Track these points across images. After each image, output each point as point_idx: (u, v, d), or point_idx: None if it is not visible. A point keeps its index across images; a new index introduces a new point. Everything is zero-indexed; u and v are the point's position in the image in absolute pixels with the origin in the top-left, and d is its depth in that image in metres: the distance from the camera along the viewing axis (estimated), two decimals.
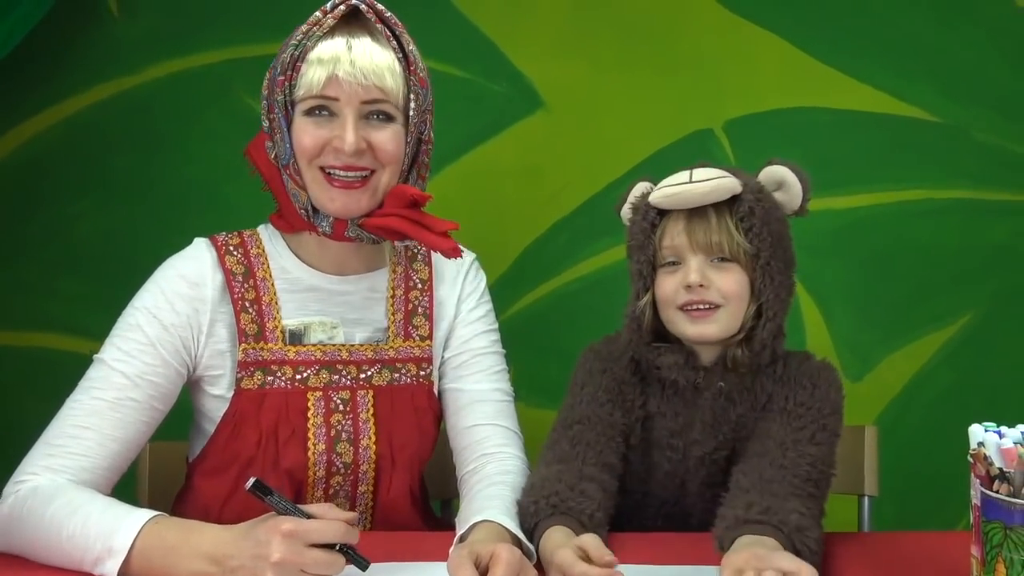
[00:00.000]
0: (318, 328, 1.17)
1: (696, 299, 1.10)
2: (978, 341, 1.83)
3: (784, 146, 1.81)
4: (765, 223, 1.10)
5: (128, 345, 1.10)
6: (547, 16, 1.80)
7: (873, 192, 1.82)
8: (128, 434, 1.08)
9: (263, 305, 1.16)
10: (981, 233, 1.82)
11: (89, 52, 1.77)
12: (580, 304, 1.82)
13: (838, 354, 1.82)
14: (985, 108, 1.81)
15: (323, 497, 1.16)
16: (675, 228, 1.12)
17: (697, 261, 1.11)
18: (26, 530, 0.99)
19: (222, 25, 1.77)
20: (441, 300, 1.24)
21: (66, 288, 1.78)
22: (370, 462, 1.16)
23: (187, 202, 1.77)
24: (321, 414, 1.15)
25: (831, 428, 1.11)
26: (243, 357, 1.14)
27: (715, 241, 1.10)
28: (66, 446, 1.05)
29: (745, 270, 1.11)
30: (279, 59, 1.11)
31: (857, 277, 1.82)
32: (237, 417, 1.13)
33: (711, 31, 1.81)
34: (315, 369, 1.16)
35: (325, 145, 1.09)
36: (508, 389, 1.25)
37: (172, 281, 1.14)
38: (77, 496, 0.99)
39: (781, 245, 1.12)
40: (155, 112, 1.77)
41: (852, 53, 1.81)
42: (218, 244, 1.18)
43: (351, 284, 1.19)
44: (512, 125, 1.80)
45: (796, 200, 1.13)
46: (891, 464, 1.56)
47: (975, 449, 0.85)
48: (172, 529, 0.94)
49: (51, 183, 1.78)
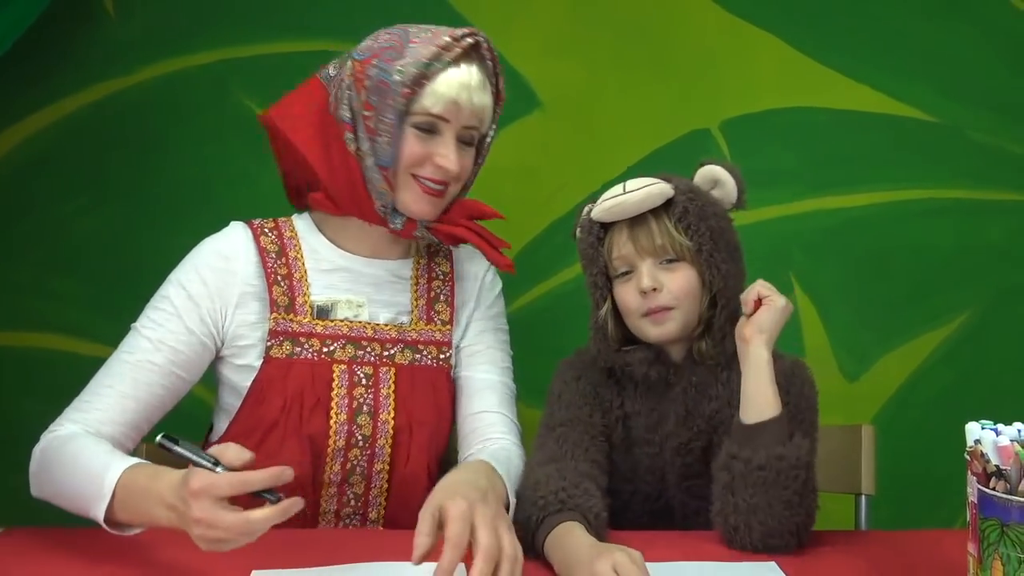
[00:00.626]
0: (344, 306, 1.24)
1: (653, 306, 1.16)
2: (975, 340, 1.83)
3: (781, 146, 1.81)
4: (701, 219, 1.16)
5: (156, 314, 1.20)
6: (544, 16, 1.80)
7: (870, 192, 1.82)
8: (143, 394, 1.16)
9: (294, 281, 1.23)
10: (978, 233, 1.83)
11: (85, 52, 1.77)
12: (576, 304, 1.80)
13: (835, 353, 1.82)
14: (982, 108, 1.82)
15: (340, 473, 1.21)
16: (620, 238, 1.18)
17: (647, 266, 1.17)
18: (49, 474, 1.09)
19: (218, 25, 1.77)
20: (462, 291, 1.32)
21: (61, 288, 1.77)
22: (388, 436, 1.21)
23: (182, 202, 1.77)
24: (345, 386, 1.21)
25: (808, 421, 1.14)
26: (273, 326, 1.21)
27: (659, 244, 1.16)
28: (90, 402, 1.15)
29: (693, 266, 1.17)
30: (396, 65, 1.16)
31: (854, 276, 1.82)
32: (264, 383, 1.19)
33: (708, 31, 1.81)
34: (341, 343, 1.22)
35: (427, 158, 1.19)
36: (513, 385, 1.32)
37: (205, 255, 1.22)
38: (84, 442, 1.09)
39: (723, 237, 1.18)
40: (151, 112, 1.77)
41: (849, 53, 1.81)
42: (254, 226, 1.26)
43: (379, 267, 1.27)
44: (508, 125, 1.80)
45: (732, 195, 1.20)
46: (888, 463, 1.55)
47: (972, 446, 0.85)
48: (141, 476, 0.99)
49: (46, 183, 1.78)
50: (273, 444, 1.18)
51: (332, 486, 1.21)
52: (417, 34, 1.19)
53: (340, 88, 1.20)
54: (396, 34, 1.20)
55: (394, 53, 1.17)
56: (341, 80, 1.20)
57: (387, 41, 1.19)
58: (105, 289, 1.21)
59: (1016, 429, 0.86)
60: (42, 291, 1.78)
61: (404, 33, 1.19)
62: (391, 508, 1.24)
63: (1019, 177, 1.82)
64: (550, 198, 1.82)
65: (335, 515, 1.22)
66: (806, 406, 1.16)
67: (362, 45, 1.21)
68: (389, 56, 1.17)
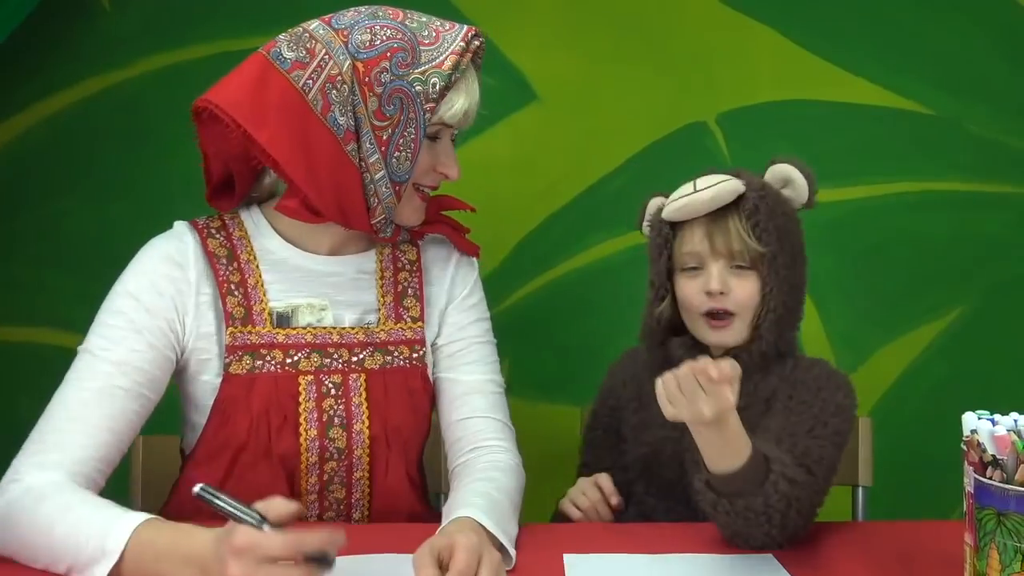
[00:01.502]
0: (306, 310, 1.15)
1: (718, 307, 1.15)
2: (971, 333, 1.83)
3: (777, 139, 1.81)
4: (770, 218, 1.14)
5: (112, 332, 1.08)
6: (540, 8, 1.80)
7: (867, 184, 1.82)
8: (118, 424, 1.05)
9: (248, 288, 1.14)
10: (974, 225, 1.83)
11: (79, 46, 1.76)
12: (574, 297, 1.81)
13: (832, 346, 1.82)
14: (978, 101, 1.81)
15: (317, 484, 1.14)
16: (695, 236, 1.16)
17: (718, 267, 1.15)
18: (18, 532, 0.96)
19: (212, 19, 1.76)
20: (431, 281, 1.23)
21: (54, 283, 1.77)
22: (364, 447, 1.15)
23: (176, 197, 1.74)
24: (312, 399, 1.13)
25: (832, 426, 1.10)
26: (230, 341, 1.12)
27: (735, 249, 1.14)
28: (56, 441, 1.02)
29: (759, 275, 1.15)
30: (413, 72, 1.09)
31: (851, 269, 1.82)
32: (226, 403, 1.11)
33: (704, 24, 1.80)
34: (306, 352, 1.14)
35: (431, 167, 1.16)
36: (500, 380, 1.25)
37: (154, 262, 1.12)
38: (70, 497, 0.97)
39: (789, 239, 1.15)
40: (144, 107, 1.76)
41: (845, 46, 1.81)
42: (199, 227, 1.16)
43: (340, 265, 1.18)
44: (505, 118, 1.80)
45: (803, 195, 1.18)
46: (885, 455, 1.56)
47: (968, 436, 0.86)
48: (163, 533, 0.91)
49: (40, 178, 1.77)
50: (243, 466, 1.11)
51: (311, 494, 1.15)
52: (420, 31, 1.11)
53: (331, 88, 1.07)
54: (397, 28, 1.10)
55: (406, 56, 1.09)
56: (334, 78, 1.07)
57: (391, 38, 1.09)
58: (99, 284, 1.20)
59: (1012, 419, 0.86)
60: (35, 286, 1.77)
61: (406, 30, 1.11)
62: (375, 511, 1.18)
63: (1015, 170, 1.82)
64: (547, 191, 1.81)
65: (318, 518, 1.16)
66: (833, 411, 1.11)
67: (356, 38, 1.09)
68: (402, 60, 1.08)
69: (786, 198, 1.17)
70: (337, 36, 1.10)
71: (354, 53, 1.09)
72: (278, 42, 1.11)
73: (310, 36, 1.10)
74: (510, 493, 1.11)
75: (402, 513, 1.18)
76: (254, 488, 1.06)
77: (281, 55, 1.09)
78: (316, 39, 1.10)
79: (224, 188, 1.18)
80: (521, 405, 1.77)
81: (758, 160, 1.79)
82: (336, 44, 1.09)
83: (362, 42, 1.09)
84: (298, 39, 1.10)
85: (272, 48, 1.10)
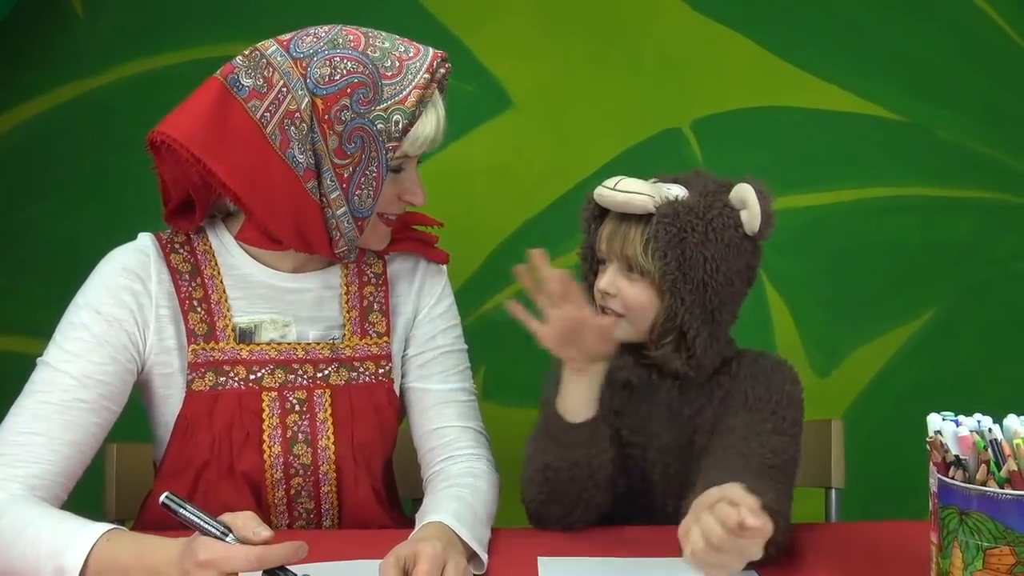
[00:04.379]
0: (269, 326, 1.15)
1: (604, 306, 1.16)
2: (942, 336, 1.86)
3: (751, 145, 1.83)
4: (672, 246, 1.10)
5: (73, 345, 1.06)
6: (515, 16, 1.81)
7: (838, 190, 1.85)
8: (79, 437, 1.03)
9: (212, 304, 1.13)
10: (944, 230, 1.85)
11: (53, 53, 1.75)
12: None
13: (806, 349, 1.84)
14: (947, 107, 1.84)
15: (285, 498, 1.14)
16: (604, 230, 1.17)
17: (612, 269, 1.16)
18: None
19: (187, 26, 1.76)
20: (397, 295, 1.22)
21: (29, 290, 1.75)
22: (330, 463, 1.14)
23: (151, 204, 1.73)
24: (276, 415, 1.12)
25: (790, 418, 1.13)
26: (193, 358, 1.11)
27: (627, 253, 1.14)
28: (14, 454, 1.00)
29: (652, 285, 1.14)
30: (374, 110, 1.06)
31: (823, 274, 1.85)
32: (189, 421, 1.10)
33: (678, 31, 1.82)
34: (270, 369, 1.13)
35: (396, 197, 1.14)
36: (472, 387, 1.24)
37: (115, 275, 1.11)
38: (29, 511, 0.95)
39: (696, 269, 1.11)
40: (119, 113, 1.75)
41: (817, 53, 1.83)
42: (163, 241, 1.15)
43: (304, 281, 1.17)
44: (481, 124, 1.80)
45: (755, 222, 1.13)
46: (858, 457, 1.58)
47: (932, 437, 0.87)
48: (124, 546, 0.89)
49: (15, 184, 1.76)
50: (207, 484, 1.10)
51: (280, 506, 1.14)
52: (382, 62, 1.07)
53: (290, 124, 1.04)
54: (359, 60, 1.05)
55: (367, 92, 1.05)
56: (292, 114, 1.04)
57: (352, 72, 1.05)
58: (73, 291, 1.20)
59: (976, 420, 0.87)
60: (9, 293, 1.76)
61: (368, 62, 1.06)
62: (345, 522, 1.17)
63: (982, 175, 1.85)
64: (523, 197, 1.82)
65: (288, 527, 1.16)
66: (787, 402, 1.14)
67: (315, 72, 1.04)
68: (364, 97, 1.05)
69: (723, 225, 1.12)
70: (296, 67, 1.05)
71: (313, 89, 1.04)
72: (236, 67, 1.07)
73: (267, 63, 1.06)
74: (484, 498, 1.12)
75: (373, 524, 1.18)
76: (220, 503, 1.07)
77: (239, 82, 1.06)
78: (274, 68, 1.05)
79: (183, 208, 1.16)
80: (497, 410, 1.78)
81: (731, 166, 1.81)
82: (294, 76, 1.05)
83: (321, 76, 1.04)
84: (256, 65, 1.06)
85: (229, 74, 1.07)
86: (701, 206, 1.12)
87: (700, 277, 1.11)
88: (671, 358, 1.16)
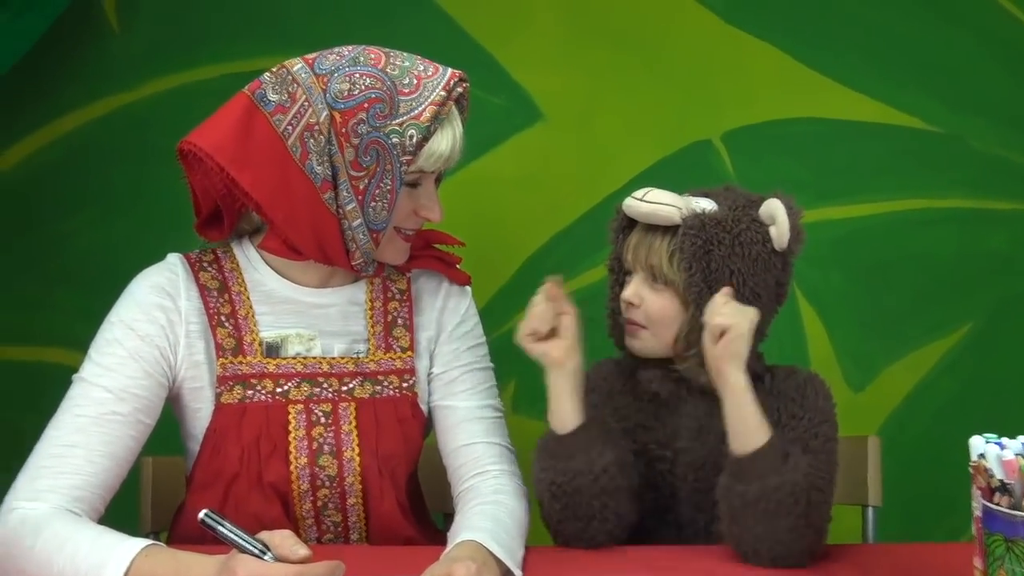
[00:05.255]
0: (295, 340, 1.17)
1: (629, 316, 1.17)
2: (980, 350, 1.82)
3: (782, 157, 1.81)
4: (697, 258, 1.11)
5: (107, 360, 1.09)
6: (544, 28, 1.81)
7: (872, 202, 1.82)
8: (116, 449, 1.06)
9: (239, 319, 1.15)
10: (980, 242, 1.82)
11: (89, 67, 1.77)
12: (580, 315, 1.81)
13: (840, 364, 1.82)
14: (982, 116, 1.81)
15: (312, 510, 1.15)
16: (631, 240, 1.17)
17: (637, 279, 1.16)
18: (16, 565, 0.96)
19: (221, 39, 1.78)
20: (421, 311, 1.24)
21: (64, 302, 1.77)
22: (355, 474, 1.15)
23: (183, 217, 1.76)
24: (302, 427, 1.14)
25: (824, 434, 1.12)
26: (221, 372, 1.13)
27: (652, 263, 1.14)
28: (53, 467, 1.02)
29: (677, 296, 1.14)
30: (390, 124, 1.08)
31: (858, 287, 1.82)
32: (218, 434, 1.13)
33: (708, 42, 1.81)
34: (296, 382, 1.15)
35: (412, 212, 1.16)
36: (499, 404, 1.25)
37: (146, 293, 1.14)
38: (67, 527, 0.96)
39: (719, 282, 1.11)
40: (154, 126, 1.77)
41: (848, 63, 1.81)
42: (191, 261, 1.18)
43: (329, 296, 1.19)
44: (510, 137, 1.80)
45: (783, 238, 1.13)
46: (895, 474, 1.55)
47: (975, 461, 0.85)
48: (163, 563, 0.91)
49: (51, 197, 1.78)
50: (237, 496, 1.12)
51: (308, 519, 1.16)
52: (400, 79, 1.09)
53: (309, 136, 1.08)
54: (377, 77, 1.09)
55: (383, 107, 1.08)
56: (312, 127, 1.08)
57: (369, 88, 1.08)
58: (107, 302, 1.21)
59: (1020, 442, 0.85)
60: (45, 305, 1.78)
61: (386, 79, 1.09)
62: (372, 534, 1.18)
63: (1018, 185, 1.82)
64: (552, 210, 1.82)
65: (316, 541, 1.17)
66: (820, 419, 1.13)
67: (334, 87, 1.08)
68: (380, 112, 1.08)
69: (750, 240, 1.13)
70: (318, 83, 1.09)
71: (332, 103, 1.08)
72: (263, 83, 1.11)
73: (292, 79, 1.10)
74: (515, 515, 1.12)
75: (399, 537, 1.18)
76: (250, 515, 1.09)
77: (265, 97, 1.10)
78: (298, 83, 1.09)
79: (213, 219, 1.20)
80: (528, 424, 1.77)
81: (763, 179, 1.80)
82: (316, 91, 1.09)
83: (340, 91, 1.08)
84: (282, 81, 1.10)
85: (257, 89, 1.11)
86: (729, 219, 1.12)
87: (732, 288, 1.11)
88: (698, 372, 1.15)
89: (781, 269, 1.16)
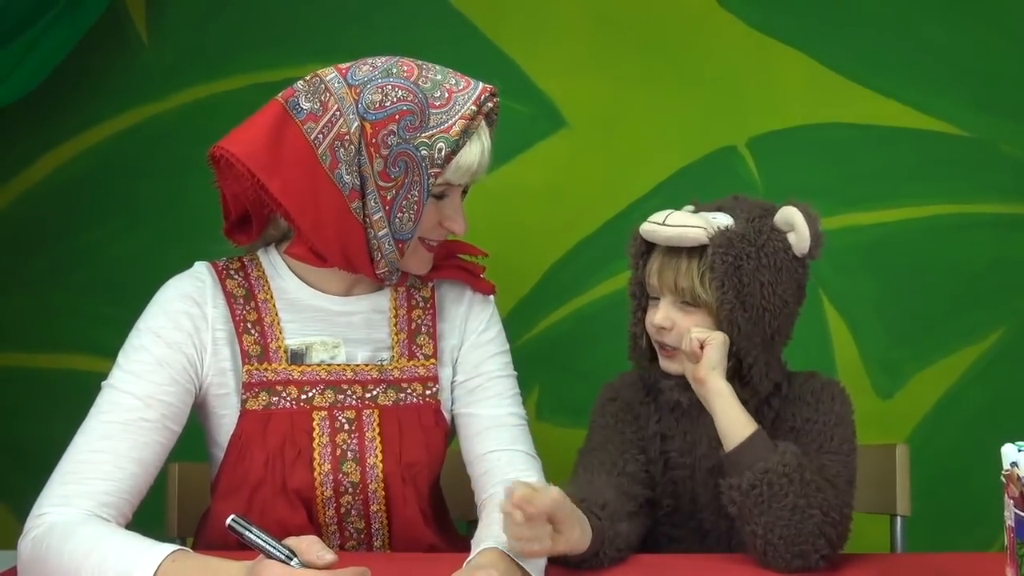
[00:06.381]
0: (319, 348, 1.18)
1: (661, 341, 1.17)
2: (1011, 357, 1.80)
3: (809, 163, 1.80)
4: (728, 275, 1.11)
5: (135, 367, 1.11)
6: (568, 35, 1.81)
7: (901, 207, 1.80)
8: (144, 455, 1.07)
9: (265, 326, 1.17)
10: (1011, 247, 1.79)
11: (119, 79, 1.80)
12: (604, 323, 1.81)
13: (868, 371, 1.80)
14: (1013, 120, 1.79)
15: (335, 516, 1.16)
16: (653, 265, 1.18)
17: (666, 303, 1.16)
18: (45, 570, 0.97)
19: (249, 50, 1.80)
20: (445, 320, 1.24)
21: (94, 310, 1.80)
22: (378, 481, 1.16)
23: (212, 225, 1.78)
24: (326, 434, 1.15)
25: (839, 436, 1.14)
26: (247, 379, 1.15)
27: (682, 286, 1.14)
28: (82, 473, 1.03)
29: (710, 315, 1.15)
30: (420, 136, 1.09)
31: (886, 293, 1.80)
32: (243, 440, 1.14)
33: (733, 48, 1.80)
34: (320, 389, 1.16)
35: (437, 223, 1.17)
36: (523, 412, 1.25)
37: (173, 300, 1.15)
38: (95, 533, 0.97)
39: (754, 296, 1.12)
40: (183, 137, 1.79)
41: (876, 68, 1.79)
42: (218, 269, 1.20)
43: (354, 304, 1.20)
44: (534, 145, 1.81)
45: (804, 244, 1.14)
46: (924, 483, 1.53)
47: (1008, 469, 0.84)
48: (190, 568, 0.92)
49: (81, 207, 1.81)
50: (262, 502, 1.13)
51: (331, 525, 1.17)
52: (432, 92, 1.11)
53: (339, 146, 1.09)
54: (409, 89, 1.10)
55: (414, 120, 1.09)
56: (342, 136, 1.09)
57: (401, 100, 1.09)
58: (136, 310, 1.23)
59: None
60: (76, 313, 1.80)
61: (418, 91, 1.10)
62: (395, 541, 1.19)
63: None
64: (577, 217, 1.82)
65: (339, 548, 1.17)
66: (835, 422, 1.15)
67: (367, 98, 1.09)
68: (410, 124, 1.09)
69: (774, 250, 1.13)
70: (350, 93, 1.10)
71: (363, 113, 1.09)
72: (296, 91, 1.13)
73: (325, 88, 1.11)
74: None
75: (421, 544, 1.19)
76: (275, 521, 1.10)
77: (298, 105, 1.12)
78: (331, 93, 1.11)
79: (241, 223, 1.22)
80: (551, 431, 1.77)
81: (790, 185, 1.79)
82: (348, 102, 1.10)
83: (372, 103, 1.09)
84: (315, 90, 1.12)
85: (290, 97, 1.13)
86: (751, 233, 1.13)
87: (758, 303, 1.12)
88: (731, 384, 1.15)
89: (802, 273, 1.18)
